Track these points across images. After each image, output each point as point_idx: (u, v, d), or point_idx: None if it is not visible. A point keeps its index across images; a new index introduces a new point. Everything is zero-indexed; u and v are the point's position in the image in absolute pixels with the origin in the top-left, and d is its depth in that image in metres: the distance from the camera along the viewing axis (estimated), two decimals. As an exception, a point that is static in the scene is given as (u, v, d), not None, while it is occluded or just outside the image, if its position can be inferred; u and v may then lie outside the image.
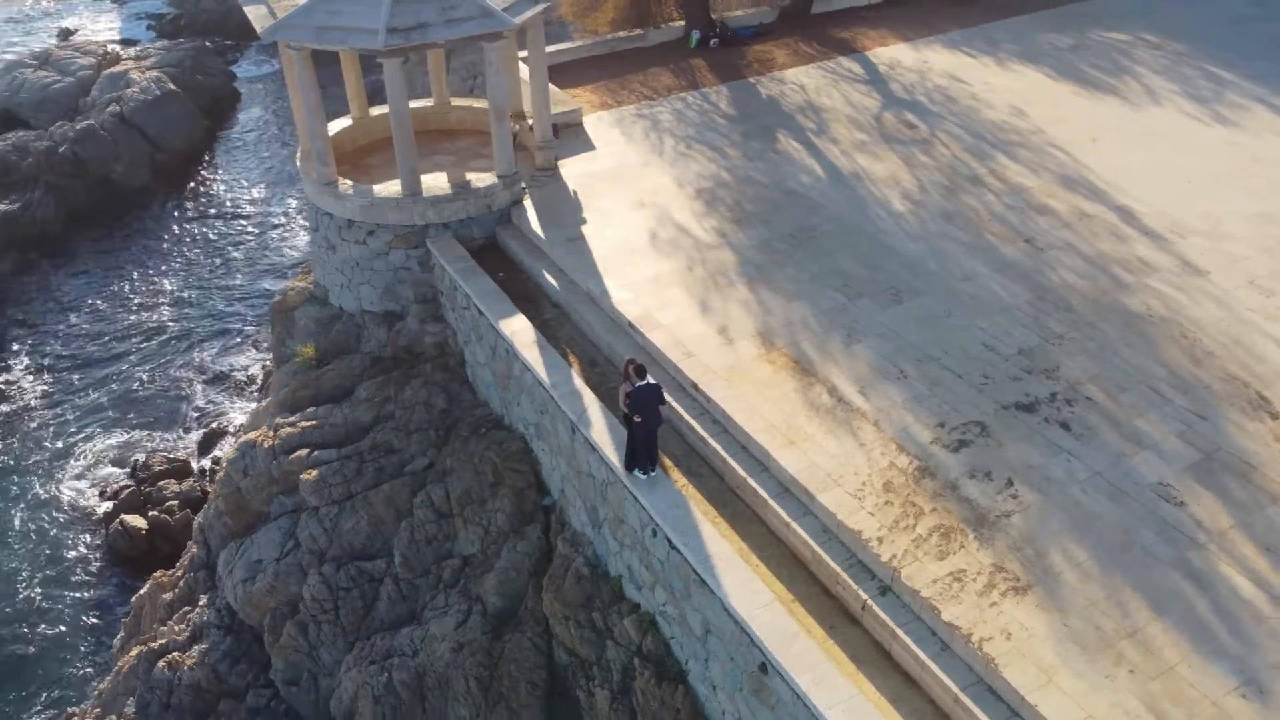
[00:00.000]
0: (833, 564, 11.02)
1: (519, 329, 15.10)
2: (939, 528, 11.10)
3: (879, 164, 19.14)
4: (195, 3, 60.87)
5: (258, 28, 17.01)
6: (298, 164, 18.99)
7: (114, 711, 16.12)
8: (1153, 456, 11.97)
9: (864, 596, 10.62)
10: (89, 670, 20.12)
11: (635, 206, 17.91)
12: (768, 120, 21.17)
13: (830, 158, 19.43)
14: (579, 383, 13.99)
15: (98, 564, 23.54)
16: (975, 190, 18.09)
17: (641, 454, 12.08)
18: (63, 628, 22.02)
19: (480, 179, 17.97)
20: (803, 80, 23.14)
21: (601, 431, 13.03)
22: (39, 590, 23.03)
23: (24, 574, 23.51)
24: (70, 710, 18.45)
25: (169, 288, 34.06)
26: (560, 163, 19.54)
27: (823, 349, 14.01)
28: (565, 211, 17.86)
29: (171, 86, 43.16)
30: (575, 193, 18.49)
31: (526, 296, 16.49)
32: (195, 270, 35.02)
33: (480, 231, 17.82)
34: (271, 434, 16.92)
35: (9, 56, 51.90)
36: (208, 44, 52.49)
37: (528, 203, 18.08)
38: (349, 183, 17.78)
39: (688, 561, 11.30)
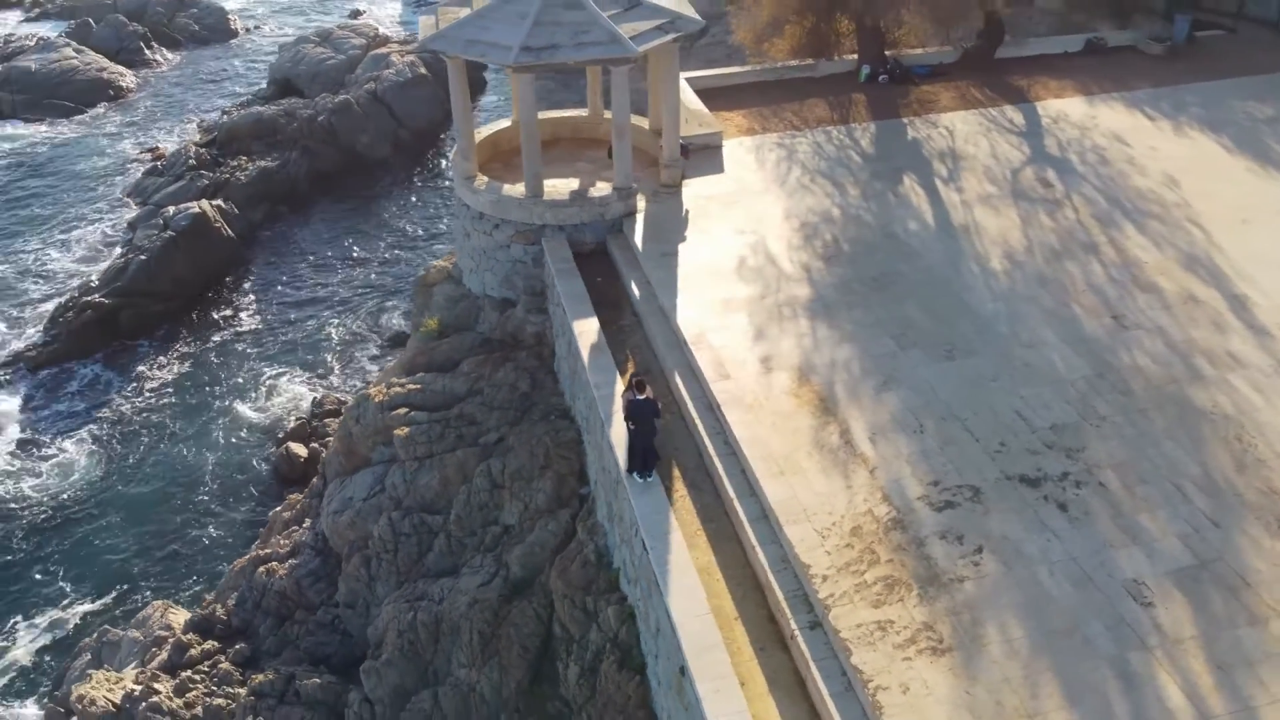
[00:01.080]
0: (778, 591, 11.67)
1: (586, 330, 16.47)
2: (886, 578, 11.47)
3: (995, 219, 18.94)
4: (469, -6, 66.58)
5: (420, 36, 19.32)
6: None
7: (221, 602, 19.03)
8: (1140, 553, 11.67)
9: (794, 627, 11.23)
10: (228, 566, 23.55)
11: (737, 231, 18.81)
12: (901, 162, 21.32)
13: (947, 206, 19.42)
14: (620, 387, 15.19)
15: (265, 480, 27.22)
16: (1084, 258, 17.59)
17: (637, 459, 13.15)
18: (225, 526, 25.77)
19: (600, 189, 19.49)
20: (956, 125, 22.99)
21: (621, 434, 14.16)
22: (216, 491, 27.00)
23: (208, 476, 27.59)
24: (205, 596, 21.77)
25: (381, 249, 38.17)
26: (686, 182, 20.71)
27: (852, 392, 14.45)
28: (670, 228, 19.04)
29: (423, 71, 47.78)
30: (687, 212, 19.61)
31: (613, 303, 17.85)
32: (407, 236, 38.97)
33: (592, 237, 19.32)
34: (385, 390, 19.25)
35: (299, 31, 59.15)
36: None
37: (640, 216, 19.41)
38: (484, 179, 19.82)
39: (650, 562, 12.29)
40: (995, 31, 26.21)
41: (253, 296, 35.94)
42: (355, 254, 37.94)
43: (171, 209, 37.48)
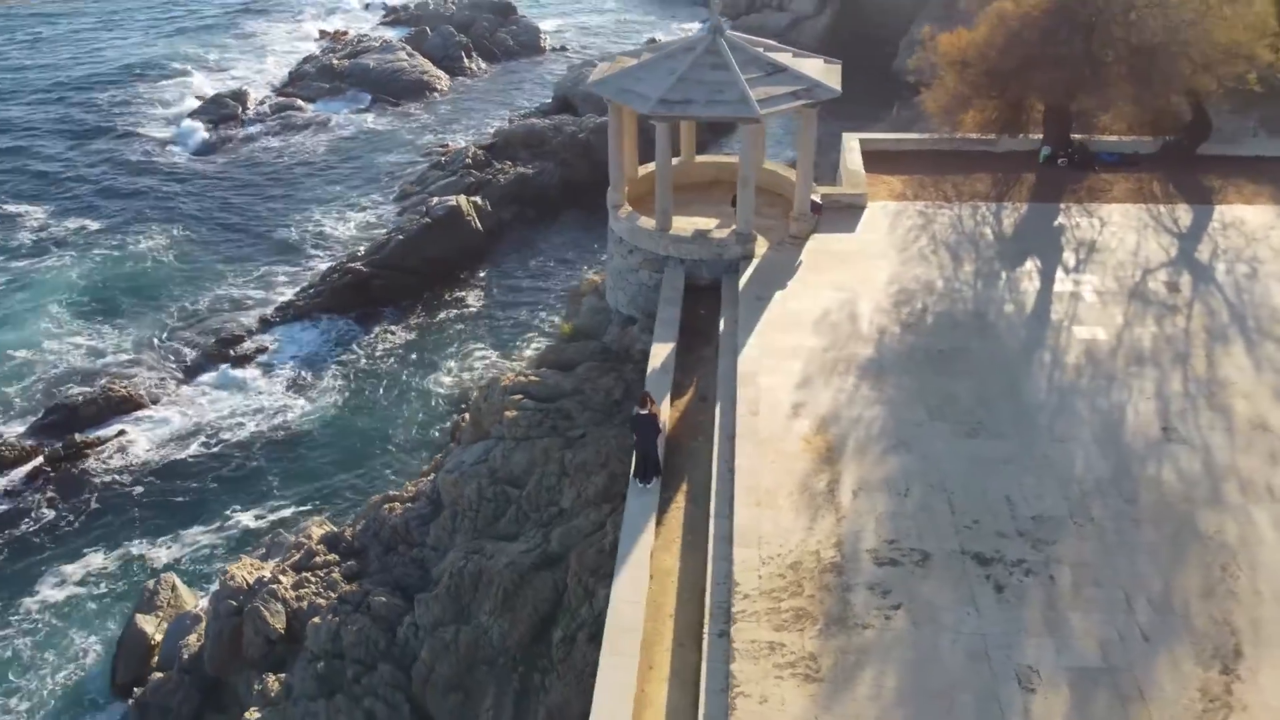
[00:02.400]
0: (708, 600, 13.25)
1: (659, 352, 18.54)
2: (800, 609, 12.73)
3: (1096, 314, 18.89)
4: (759, 33, 69.90)
5: (591, 79, 22.12)
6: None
7: (353, 526, 22.86)
8: (1050, 645, 12.12)
9: (707, 631, 12.79)
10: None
11: (836, 288, 20.07)
12: (1033, 246, 21.49)
13: (1053, 296, 19.55)
14: (664, 406, 17.14)
15: (443, 440, 31.36)
16: (1168, 367, 17.29)
17: (639, 467, 15.12)
18: (396, 468, 30.23)
19: (723, 231, 21.44)
20: (1113, 217, 22.64)
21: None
22: (403, 440, 31.65)
23: (402, 425, 32.32)
24: (347, 520, 25.85)
25: (603, 258, 41.89)
26: (816, 236, 22.15)
27: (860, 450, 15.53)
28: (776, 276, 20.63)
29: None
30: (800, 264, 21.09)
31: (705, 334, 19.77)
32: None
33: (709, 273, 21.30)
34: (512, 378, 22.31)
35: (595, 55, 64.76)
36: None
37: (756, 261, 21.14)
38: (629, 209, 22.35)
39: (617, 553, 14.25)
40: (1200, 126, 25.21)
41: (482, 283, 40.83)
42: (580, 259, 41.90)
43: (435, 199, 43.28)
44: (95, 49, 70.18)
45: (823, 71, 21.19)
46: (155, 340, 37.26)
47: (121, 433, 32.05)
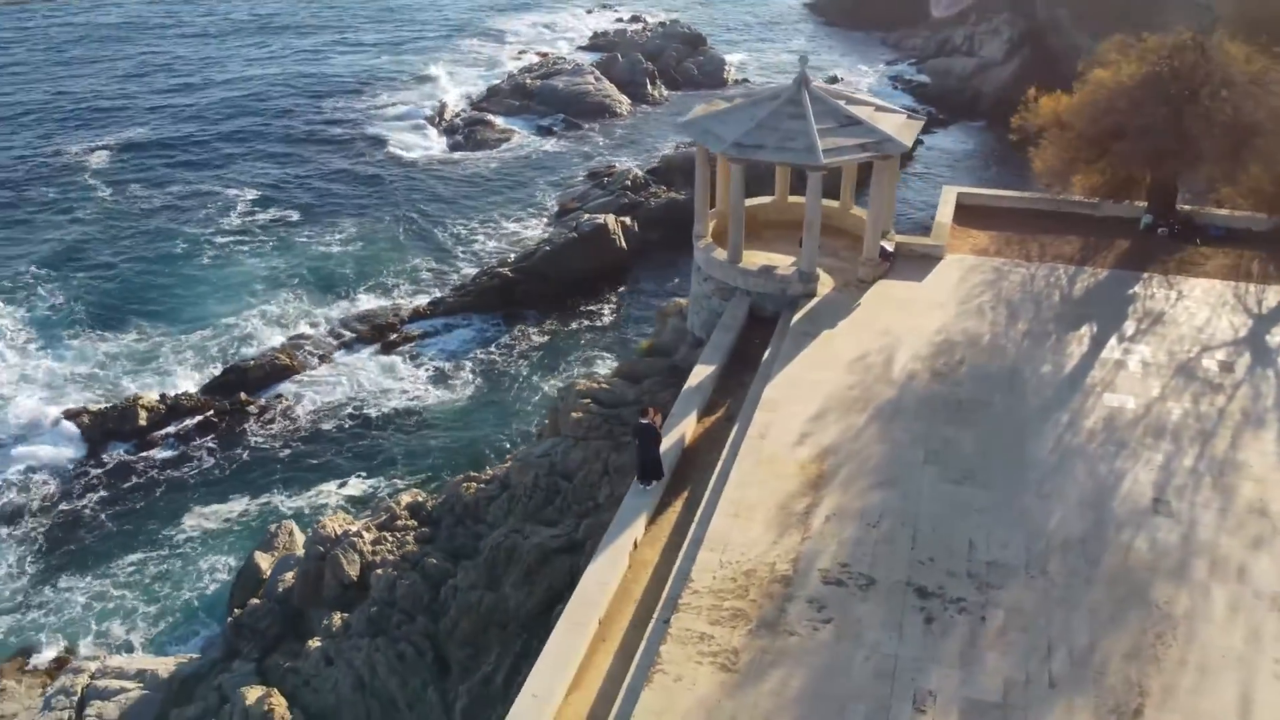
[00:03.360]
0: (666, 590, 14.86)
1: (700, 373, 20.20)
2: (738, 610, 14.15)
3: (1131, 384, 19.05)
4: (943, 77, 70.00)
5: (684, 119, 23.99)
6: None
7: (434, 498, 25.63)
8: (957, 676, 13.00)
9: (655, 616, 14.42)
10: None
11: (882, 332, 21.09)
12: (1095, 312, 21.66)
13: (1095, 362, 19.81)
14: (688, 421, 18.78)
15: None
16: (1186, 442, 17.36)
17: (638, 470, 16.89)
18: (497, 453, 32.98)
19: (787, 269, 22.84)
20: (1194, 292, 22.39)
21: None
22: (514, 433, 34.42)
23: (515, 420, 35.14)
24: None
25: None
26: (883, 281, 23.17)
27: (848, 481, 16.67)
28: (830, 315, 21.84)
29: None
30: (857, 306, 22.20)
31: (754, 361, 21.24)
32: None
33: (772, 306, 22.74)
34: (586, 384, 24.50)
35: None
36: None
37: (818, 299, 22.42)
38: (708, 239, 24.11)
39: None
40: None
41: (616, 298, 43.42)
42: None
43: (586, 216, 46.30)
44: (327, 60, 78.17)
45: (899, 127, 22.26)
46: (324, 320, 41.96)
47: (279, 397, 36.56)
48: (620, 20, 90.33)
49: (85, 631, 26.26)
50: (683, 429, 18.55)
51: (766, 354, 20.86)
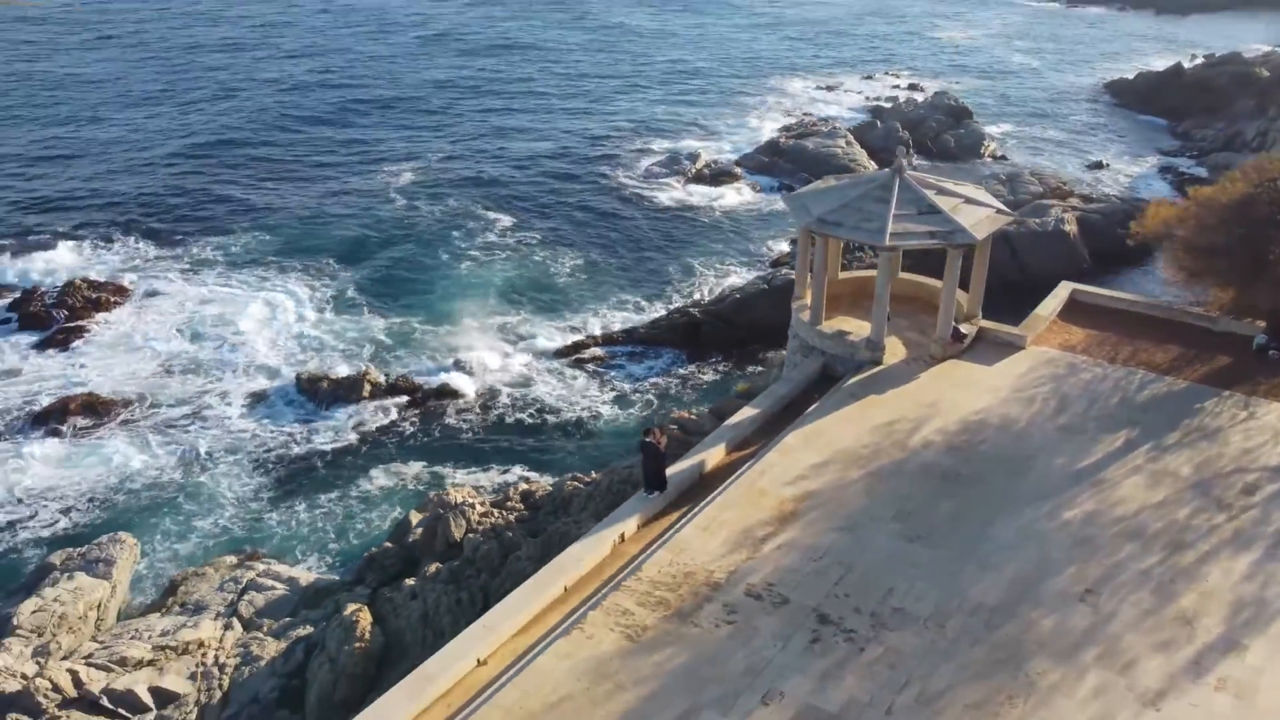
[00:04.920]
0: (619, 575, 18.05)
1: (744, 413, 23.02)
2: (664, 599, 17.11)
3: (1138, 490, 19.67)
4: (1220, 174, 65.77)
5: (785, 194, 26.69)
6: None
7: (538, 490, 29.93)
8: (810, 685, 15.21)
9: (603, 590, 17.68)
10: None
11: (922, 405, 22.84)
12: (1146, 419, 22.08)
13: (1111, 464, 20.52)
14: (714, 451, 21.71)
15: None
16: (1155, 553, 18.02)
17: (645, 481, 20.15)
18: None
19: (858, 336, 25.04)
20: (1266, 417, 22.10)
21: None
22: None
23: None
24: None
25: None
26: (954, 360, 24.78)
27: (813, 522, 18.96)
28: (884, 383, 23.85)
29: (1069, 228, 51.56)
30: (915, 380, 24.02)
31: (803, 412, 23.76)
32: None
33: (841, 368, 25.04)
34: (682, 414, 27.91)
35: (1024, 166, 65.74)
36: None
37: (880, 367, 24.48)
38: (802, 303, 26.74)
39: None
40: None
41: (792, 351, 45.94)
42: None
43: (784, 271, 49.26)
44: (610, 102, 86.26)
45: (979, 220, 23.90)
46: (533, 330, 47.95)
47: (476, 390, 42.68)
48: (898, 88, 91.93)
49: (272, 543, 33.01)
50: (705, 456, 21.54)
51: (812, 407, 23.32)
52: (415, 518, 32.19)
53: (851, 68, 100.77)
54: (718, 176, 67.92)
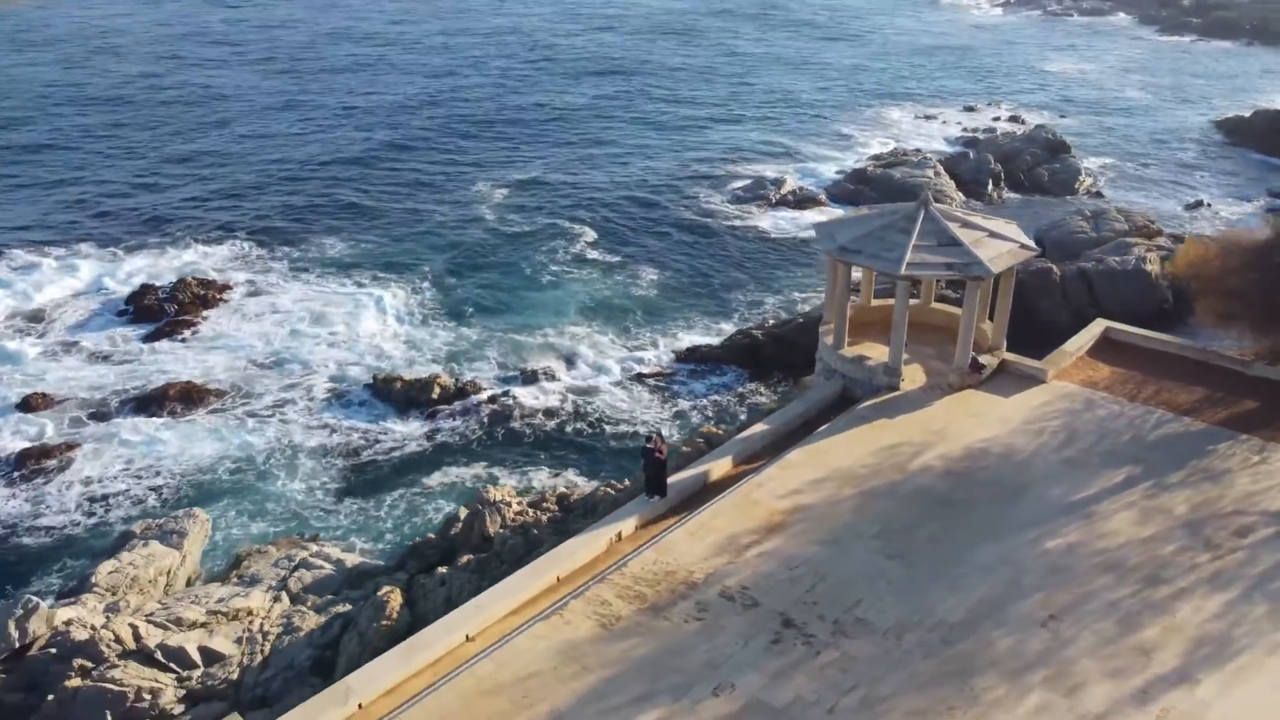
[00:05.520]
0: (608, 569, 19.34)
1: (753, 430, 24.05)
2: (641, 594, 18.34)
3: (1127, 524, 19.94)
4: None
5: (814, 221, 27.52)
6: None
7: (575, 494, 31.37)
8: (762, 682, 16.21)
9: (589, 581, 19.00)
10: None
11: (929, 431, 23.44)
12: (1152, 458, 22.17)
13: (1106, 498, 20.79)
14: (721, 462, 22.80)
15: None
16: (1130, 585, 18.33)
17: (646, 485, 21.40)
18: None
19: (876, 361, 25.76)
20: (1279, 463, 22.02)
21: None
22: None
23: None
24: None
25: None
26: (971, 390, 25.26)
27: (798, 534, 19.92)
28: (897, 408, 24.52)
29: (1149, 268, 50.56)
30: (928, 407, 24.61)
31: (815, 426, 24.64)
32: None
33: (860, 391, 25.80)
34: (709, 429, 29.03)
35: (1110, 204, 64.47)
36: None
37: (896, 393, 25.17)
38: (828, 328, 27.58)
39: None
40: None
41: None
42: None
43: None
44: (705, 129, 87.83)
45: (999, 254, 24.41)
46: (603, 343, 49.64)
47: (540, 397, 44.55)
48: (998, 119, 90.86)
49: (332, 529, 35.37)
50: (710, 467, 22.66)
51: (823, 427, 24.19)
52: (463, 513, 34.10)
53: (954, 98, 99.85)
54: (801, 203, 68.59)
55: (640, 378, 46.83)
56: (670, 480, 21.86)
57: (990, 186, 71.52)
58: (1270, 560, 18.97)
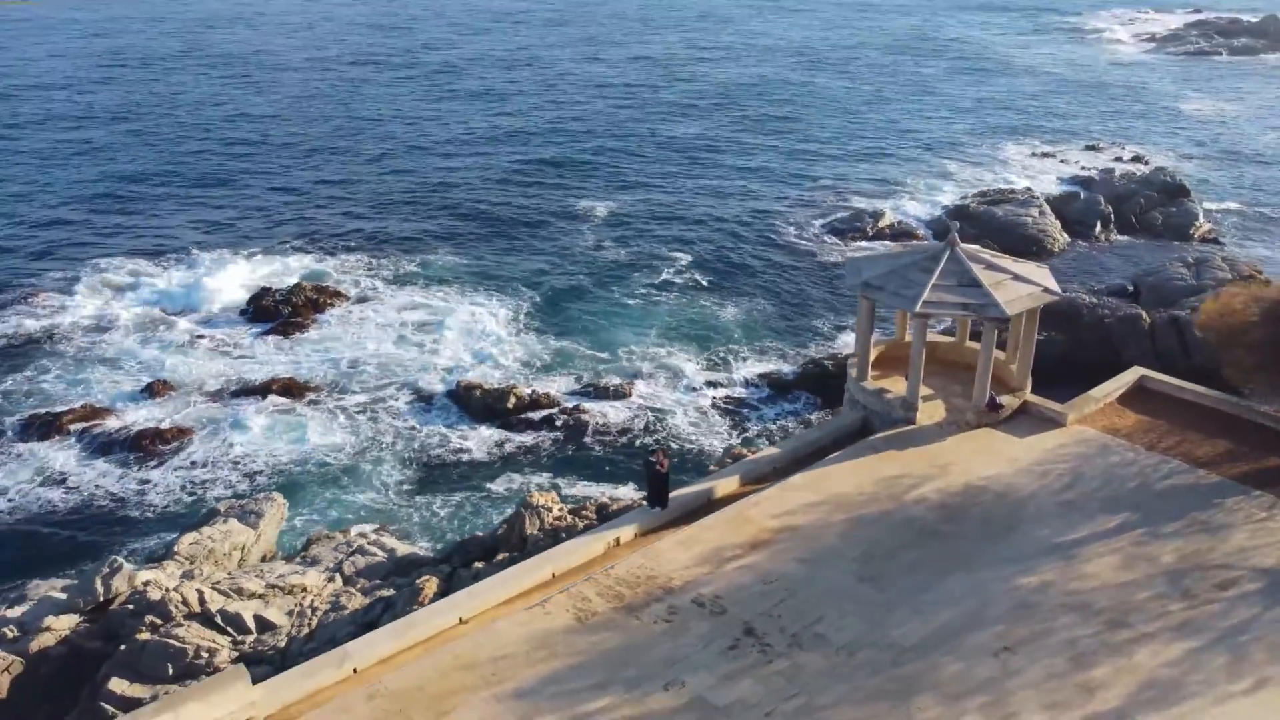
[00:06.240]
0: (596, 570, 20.89)
1: (765, 453, 25.19)
2: (620, 594, 19.81)
3: (1109, 570, 20.20)
4: None
5: (847, 258, 28.32)
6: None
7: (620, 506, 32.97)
8: (713, 681, 17.41)
9: (569, 585, 20.59)
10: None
11: (934, 465, 24.08)
12: (1152, 505, 22.23)
13: (1092, 541, 21.05)
14: (727, 481, 24.06)
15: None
16: (1094, 627, 18.68)
17: (648, 497, 22.87)
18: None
19: (895, 393, 26.52)
20: (1288, 519, 21.76)
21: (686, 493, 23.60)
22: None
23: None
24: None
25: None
26: (986, 429, 25.73)
27: (779, 552, 20.99)
28: (909, 441, 25.21)
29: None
30: (940, 442, 25.22)
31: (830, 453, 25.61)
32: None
33: (879, 423, 26.57)
34: (742, 450, 30.27)
35: (1217, 251, 62.12)
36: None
37: (912, 426, 25.88)
38: (853, 360, 28.44)
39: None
40: None
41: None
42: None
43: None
44: (814, 161, 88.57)
45: (1017, 297, 24.86)
46: (682, 364, 51.20)
47: (611, 412, 46.44)
48: (1119, 160, 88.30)
49: (397, 522, 38.03)
50: (715, 484, 23.96)
51: (833, 455, 25.14)
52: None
53: (1077, 136, 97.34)
54: (898, 237, 68.57)
55: (716, 401, 48.18)
56: (675, 494, 23.28)
57: (1098, 228, 69.91)
58: (1245, 614, 18.98)
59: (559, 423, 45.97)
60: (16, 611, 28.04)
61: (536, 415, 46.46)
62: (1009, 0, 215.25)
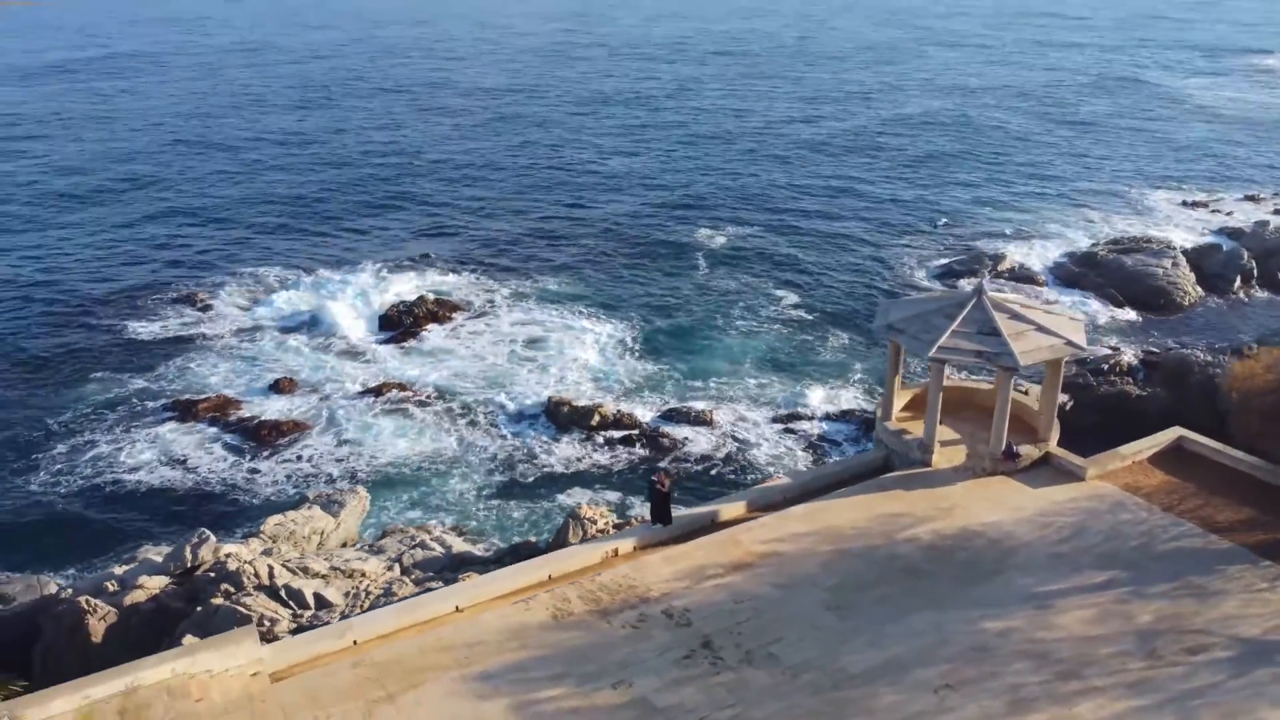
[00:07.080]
0: (583, 575, 22.58)
1: (777, 482, 26.25)
2: (598, 599, 21.45)
3: (1071, 623, 20.35)
4: None
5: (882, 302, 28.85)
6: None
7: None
8: (659, 685, 18.82)
9: (559, 587, 22.35)
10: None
11: (937, 508, 24.54)
12: (1150, 566, 22.02)
13: (1072, 594, 21.17)
14: (733, 506, 25.29)
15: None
16: (1039, 674, 18.97)
17: (650, 514, 24.40)
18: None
19: (915, 434, 27.05)
20: (1290, 593, 21.20)
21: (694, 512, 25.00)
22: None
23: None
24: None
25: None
26: (1001, 476, 25.97)
27: (758, 575, 22.12)
28: (920, 482, 25.77)
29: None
30: (951, 485, 25.64)
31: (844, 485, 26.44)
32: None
33: (899, 462, 27.21)
34: (778, 479, 31.32)
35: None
36: None
37: (928, 468, 26.40)
38: (876, 401, 29.08)
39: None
40: None
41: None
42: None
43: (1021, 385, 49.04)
44: (944, 199, 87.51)
45: (1036, 348, 25.05)
46: (772, 396, 52.21)
47: (687, 438, 47.98)
48: (1278, 212, 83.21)
49: (470, 524, 40.73)
50: (720, 508, 25.25)
51: (842, 489, 25.98)
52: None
53: (1238, 184, 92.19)
54: (1017, 280, 67.18)
55: (799, 434, 48.96)
56: (681, 514, 24.74)
57: (1237, 283, 66.40)
58: (1206, 680, 18.82)
59: (638, 444, 47.83)
60: (121, 569, 32.06)
61: (618, 434, 48.48)
62: (1199, 39, 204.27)
